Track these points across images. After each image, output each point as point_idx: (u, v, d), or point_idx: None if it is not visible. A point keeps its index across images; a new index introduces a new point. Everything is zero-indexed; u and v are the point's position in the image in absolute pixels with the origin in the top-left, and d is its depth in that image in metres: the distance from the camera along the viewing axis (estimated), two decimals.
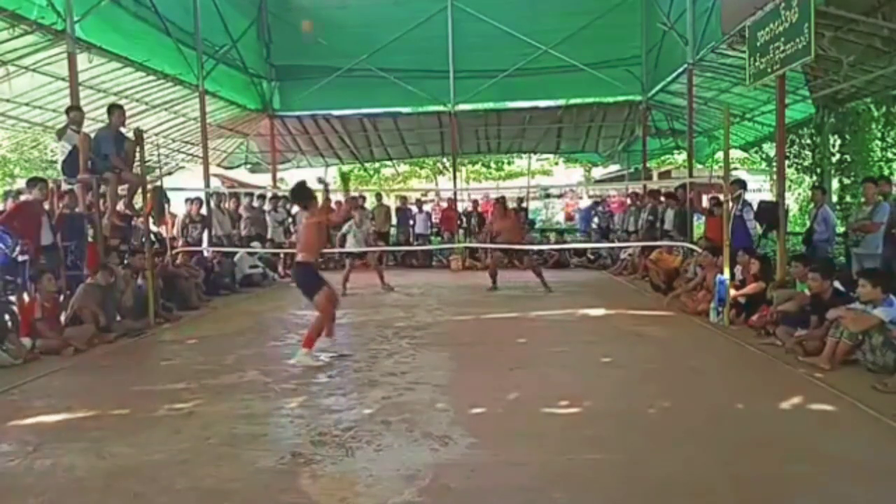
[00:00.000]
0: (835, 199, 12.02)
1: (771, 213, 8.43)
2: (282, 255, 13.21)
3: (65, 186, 8.07)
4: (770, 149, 14.38)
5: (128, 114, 8.54)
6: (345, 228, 10.92)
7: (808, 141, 13.19)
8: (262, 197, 13.68)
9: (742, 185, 8.92)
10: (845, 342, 5.15)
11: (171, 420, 4.28)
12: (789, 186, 12.48)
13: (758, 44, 7.48)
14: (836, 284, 6.13)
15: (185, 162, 15.65)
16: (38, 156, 19.39)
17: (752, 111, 12.79)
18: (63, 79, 8.98)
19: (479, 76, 14.61)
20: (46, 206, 7.59)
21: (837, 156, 12.68)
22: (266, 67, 15.48)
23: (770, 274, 7.37)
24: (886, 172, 11.43)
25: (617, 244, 13.44)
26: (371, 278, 10.92)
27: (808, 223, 9.79)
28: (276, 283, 12.13)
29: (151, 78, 11.15)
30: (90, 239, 7.88)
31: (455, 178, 17.37)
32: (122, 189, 8.70)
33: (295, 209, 14.94)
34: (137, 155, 8.01)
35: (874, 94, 10.93)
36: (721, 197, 8.41)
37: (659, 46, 13.32)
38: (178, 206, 11.98)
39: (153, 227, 9.45)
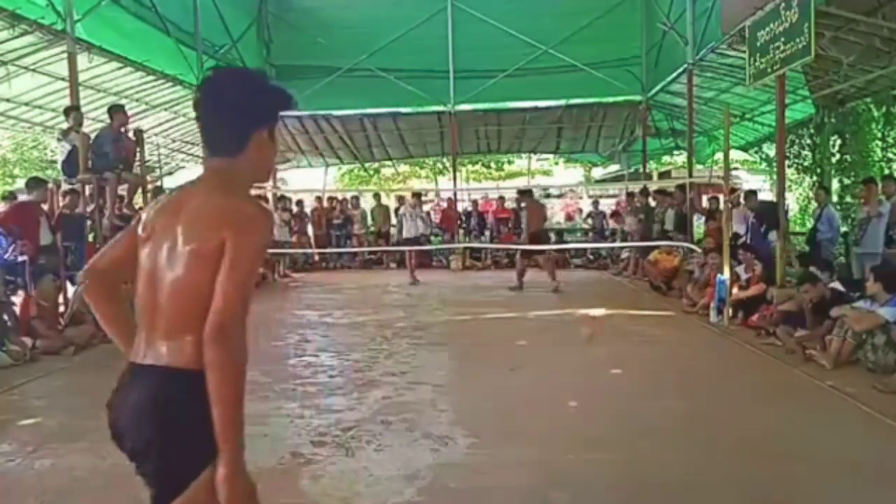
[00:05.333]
0: (835, 198, 12.02)
1: (771, 213, 8.44)
2: (282, 255, 13.22)
3: (65, 186, 8.07)
4: (770, 149, 14.39)
5: (128, 114, 8.53)
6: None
7: (808, 141, 13.20)
8: (258, 197, 13.65)
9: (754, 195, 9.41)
10: (849, 342, 5.15)
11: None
12: (789, 186, 12.47)
13: (758, 44, 7.48)
14: (837, 284, 6.14)
15: (185, 162, 15.66)
16: (38, 156, 19.40)
17: (752, 111, 12.79)
18: (63, 79, 8.98)
19: (479, 76, 14.60)
20: (46, 206, 7.60)
21: (837, 156, 12.68)
22: (266, 67, 15.46)
23: (771, 274, 7.38)
24: (886, 172, 11.42)
25: (618, 244, 13.44)
26: (370, 277, 10.92)
27: (808, 223, 9.82)
28: (276, 283, 12.12)
29: (151, 78, 11.15)
30: (90, 239, 7.88)
31: (455, 178, 17.36)
32: (122, 189, 8.70)
33: (293, 208, 14.98)
34: (137, 155, 8.01)
35: (874, 94, 10.95)
36: (721, 197, 8.46)
37: (659, 46, 13.32)
38: None
39: None
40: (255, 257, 1.54)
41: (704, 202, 12.56)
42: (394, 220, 15.44)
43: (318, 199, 15.42)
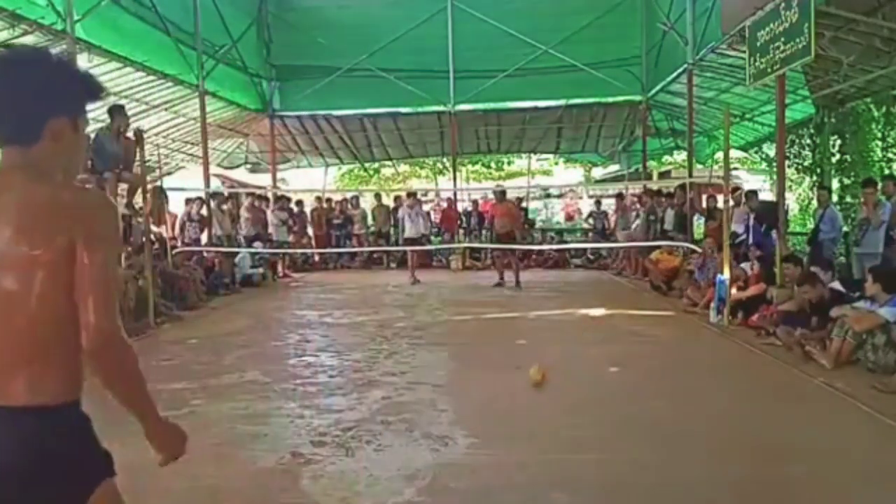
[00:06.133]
0: (835, 199, 12.03)
1: (771, 213, 8.45)
2: (282, 255, 13.23)
3: None
4: (770, 149, 14.40)
5: (128, 114, 8.52)
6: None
7: (808, 141, 13.20)
8: (260, 197, 13.68)
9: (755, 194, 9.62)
10: (850, 341, 5.15)
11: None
12: (789, 186, 12.49)
13: (758, 44, 7.48)
14: (836, 284, 6.14)
15: (185, 162, 15.65)
16: None
17: (752, 111, 12.80)
18: None
19: (479, 76, 14.61)
20: None
21: (837, 156, 12.69)
22: (266, 67, 15.48)
23: (771, 274, 7.38)
24: (886, 172, 11.43)
25: (618, 244, 13.45)
26: (370, 277, 10.92)
27: (809, 223, 9.84)
28: (275, 283, 12.12)
29: (151, 78, 11.15)
30: None
31: (455, 178, 17.37)
32: (122, 189, 8.70)
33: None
34: (137, 155, 8.01)
35: (874, 94, 10.95)
36: (719, 197, 8.49)
37: (659, 46, 13.33)
38: (177, 206, 11.97)
39: (153, 227, 9.45)
40: (115, 251, 1.38)
41: (704, 202, 12.57)
42: (393, 220, 15.47)
43: (318, 199, 15.44)
